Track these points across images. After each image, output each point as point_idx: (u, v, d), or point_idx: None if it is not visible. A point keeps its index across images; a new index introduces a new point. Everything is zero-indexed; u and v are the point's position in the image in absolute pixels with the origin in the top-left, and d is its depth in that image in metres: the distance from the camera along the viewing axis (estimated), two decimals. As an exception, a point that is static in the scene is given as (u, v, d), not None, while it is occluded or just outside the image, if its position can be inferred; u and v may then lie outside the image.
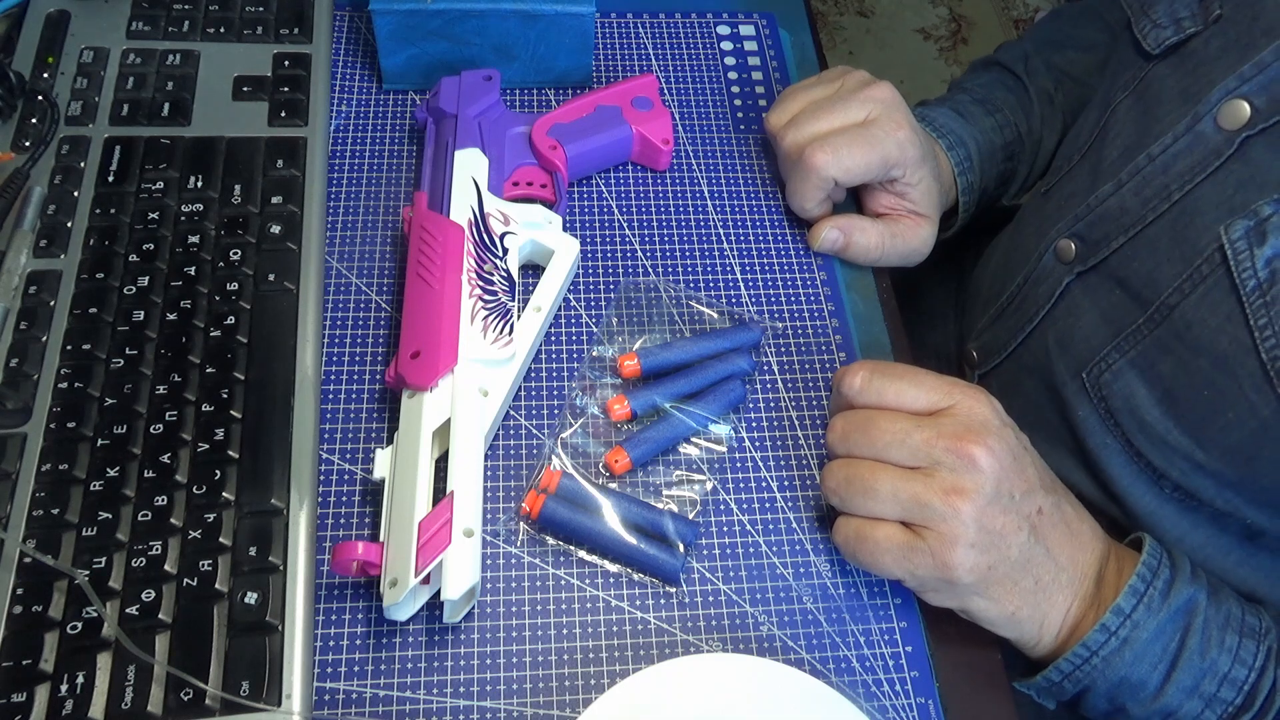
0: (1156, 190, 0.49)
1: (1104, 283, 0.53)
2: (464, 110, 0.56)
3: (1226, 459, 0.47)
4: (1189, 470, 0.49)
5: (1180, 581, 0.45)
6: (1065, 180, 0.58)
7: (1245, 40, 0.46)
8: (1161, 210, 0.49)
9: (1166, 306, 0.48)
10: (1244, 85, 0.45)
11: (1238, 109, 0.45)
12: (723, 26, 0.68)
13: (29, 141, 0.53)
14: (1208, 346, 0.46)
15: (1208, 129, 0.47)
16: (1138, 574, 0.44)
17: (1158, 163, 0.49)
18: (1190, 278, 0.47)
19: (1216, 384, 0.46)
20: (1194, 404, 0.47)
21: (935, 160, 0.57)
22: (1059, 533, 0.44)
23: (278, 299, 0.49)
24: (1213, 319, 0.45)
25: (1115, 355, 0.51)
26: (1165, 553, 0.46)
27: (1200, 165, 0.47)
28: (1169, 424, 0.49)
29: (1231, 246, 0.44)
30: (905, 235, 0.57)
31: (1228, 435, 0.46)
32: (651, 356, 0.51)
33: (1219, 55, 0.47)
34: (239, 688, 0.39)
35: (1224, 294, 0.45)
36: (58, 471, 0.43)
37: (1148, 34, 0.52)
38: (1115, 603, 0.43)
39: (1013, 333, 0.60)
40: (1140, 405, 0.50)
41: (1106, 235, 0.52)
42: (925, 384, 0.44)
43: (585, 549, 0.46)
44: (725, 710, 0.41)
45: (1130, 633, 0.43)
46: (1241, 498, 0.49)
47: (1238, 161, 0.45)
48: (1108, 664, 0.44)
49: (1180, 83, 0.50)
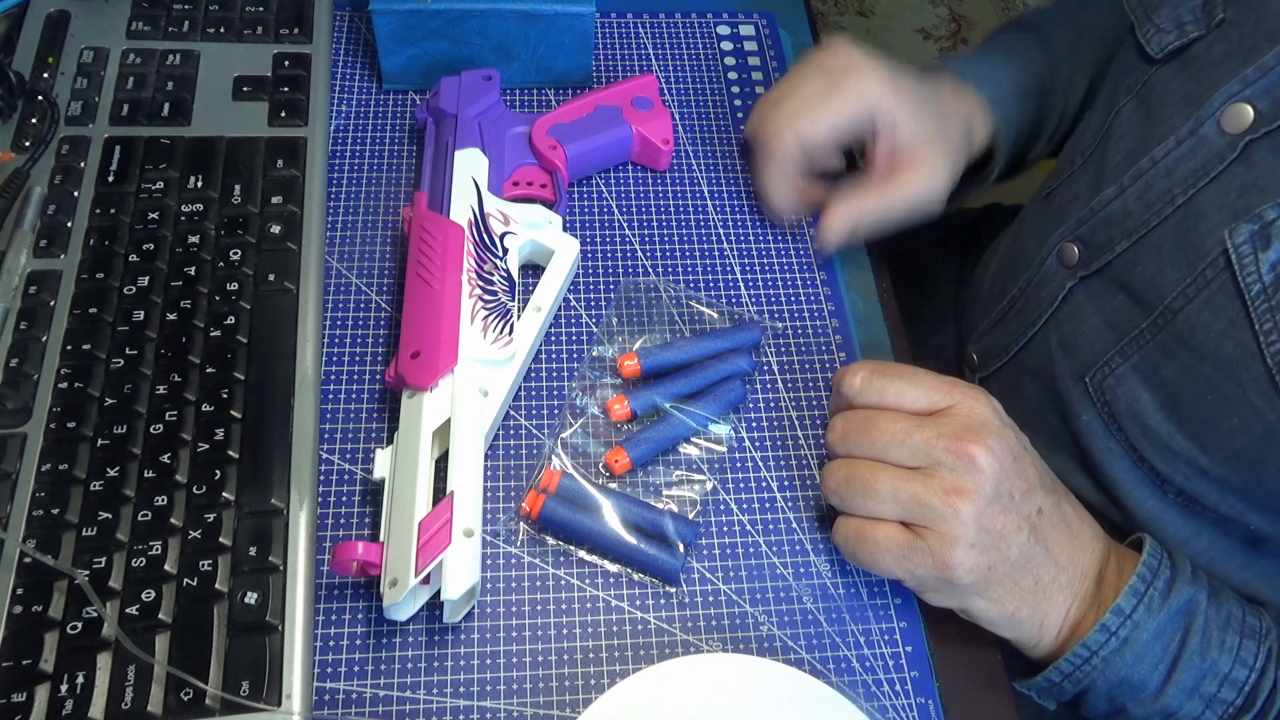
0: (1159, 194, 0.49)
1: (1107, 287, 0.52)
2: (464, 110, 0.56)
3: (1230, 464, 0.47)
4: (1192, 475, 0.49)
5: (1180, 582, 0.45)
6: (1068, 183, 0.58)
7: (1248, 44, 0.46)
8: (1165, 214, 0.49)
9: (1170, 311, 0.48)
10: (1247, 89, 0.45)
11: (1241, 113, 0.45)
12: (723, 26, 0.68)
13: (29, 141, 0.53)
14: (1212, 351, 0.46)
15: (1211, 133, 0.47)
16: (1138, 574, 0.44)
17: (1160, 166, 0.49)
18: (1194, 282, 0.46)
19: (1220, 389, 0.46)
20: (1197, 409, 0.47)
21: (930, 98, 0.55)
22: (1059, 533, 0.44)
23: (278, 299, 0.49)
24: (1217, 323, 0.45)
25: (1119, 360, 0.51)
26: (1165, 553, 0.46)
27: (1203, 169, 0.47)
28: (1172, 429, 0.49)
29: (1236, 251, 0.44)
30: (903, 185, 0.54)
31: (1231, 441, 0.46)
32: (651, 356, 0.51)
33: (1222, 59, 0.47)
34: (239, 688, 0.39)
35: (1228, 298, 0.45)
36: (58, 471, 0.43)
37: (1151, 38, 0.52)
38: (1115, 603, 0.43)
39: (1014, 336, 0.60)
40: (1144, 410, 0.50)
41: (1110, 239, 0.52)
42: (925, 384, 0.43)
43: (585, 549, 0.46)
44: (725, 710, 0.41)
45: (1130, 633, 0.43)
46: (1245, 503, 0.49)
47: (1241, 165, 0.45)
48: (1108, 664, 0.44)
49: (1183, 87, 0.49)
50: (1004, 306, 0.61)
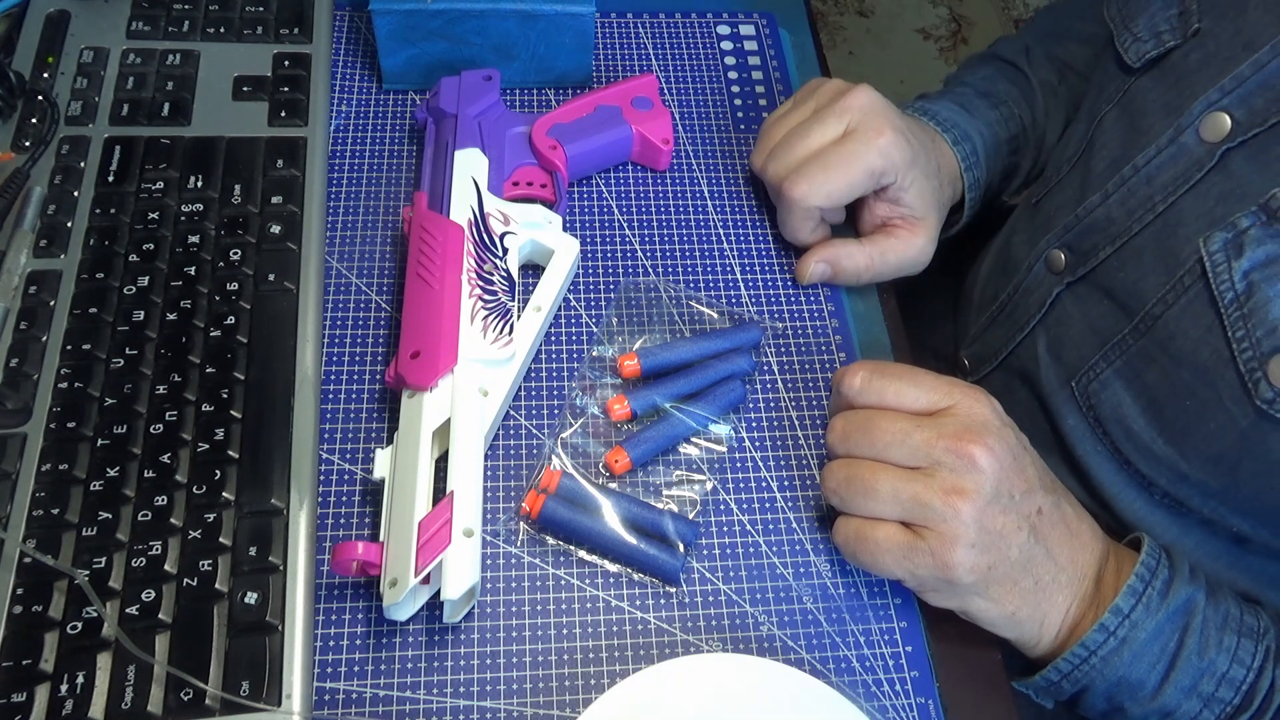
0: (1141, 201, 0.50)
1: (1092, 293, 0.53)
2: (464, 110, 0.56)
3: (1209, 469, 0.47)
4: (1175, 480, 0.49)
5: (1179, 582, 0.45)
6: (1055, 191, 0.58)
7: (1225, 53, 0.47)
8: (1146, 221, 0.49)
9: (1151, 317, 0.48)
10: (1224, 98, 0.46)
11: (1218, 121, 0.46)
12: (723, 26, 0.68)
13: (29, 141, 0.53)
14: (1189, 357, 0.46)
15: (1190, 141, 0.47)
16: (1136, 574, 0.44)
17: (1142, 174, 0.50)
18: (1173, 288, 0.47)
19: (1198, 394, 0.46)
20: (1177, 414, 0.48)
21: (931, 156, 0.56)
22: (1059, 533, 0.44)
23: (278, 299, 0.49)
24: (1194, 330, 0.46)
25: (1103, 365, 0.51)
26: (1164, 553, 0.46)
27: (1183, 177, 0.47)
28: (1154, 434, 0.49)
29: (1210, 259, 0.44)
30: (898, 248, 0.55)
31: (1210, 445, 0.46)
32: (651, 356, 0.51)
33: (1199, 68, 0.48)
34: (239, 688, 0.39)
35: (1204, 305, 0.45)
36: (58, 471, 0.43)
37: (1129, 48, 0.52)
38: (1114, 602, 0.43)
39: (1004, 341, 0.60)
40: (1127, 415, 0.50)
41: (1095, 246, 0.52)
42: (925, 384, 0.44)
43: (585, 549, 0.46)
44: (725, 710, 0.41)
45: (1129, 632, 0.43)
46: (1226, 506, 0.49)
47: (1218, 173, 0.46)
48: (1106, 664, 0.44)
49: (1164, 95, 0.50)
50: (994, 311, 0.61)
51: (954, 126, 0.60)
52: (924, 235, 0.55)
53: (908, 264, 0.55)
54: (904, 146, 0.52)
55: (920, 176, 0.54)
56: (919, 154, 0.54)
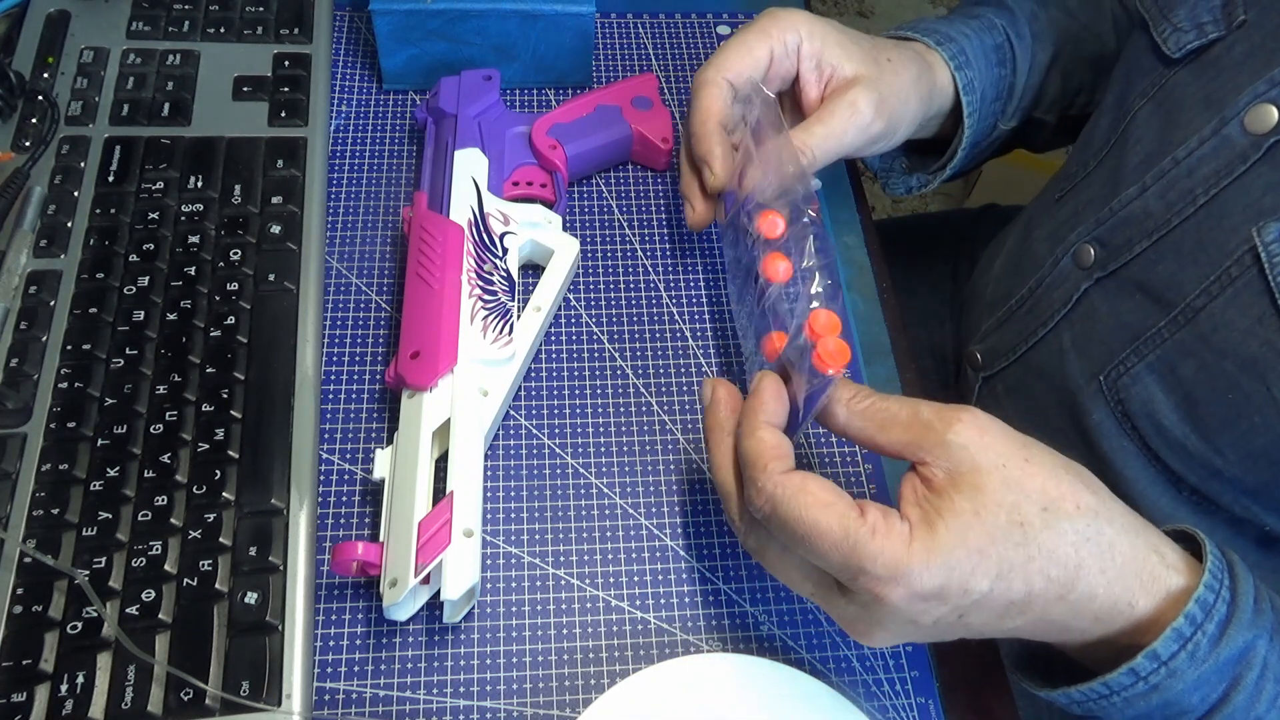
0: (1181, 194, 0.49)
1: (1124, 287, 0.52)
2: (464, 110, 0.56)
3: (1246, 465, 0.46)
4: (1206, 476, 0.49)
5: (1236, 625, 0.36)
6: (1081, 186, 0.57)
7: (1272, 45, 0.46)
8: (1186, 214, 0.48)
9: (1191, 309, 0.47)
10: (1272, 89, 0.45)
11: (1265, 113, 0.45)
12: (723, 26, 0.68)
13: (29, 141, 0.53)
14: (1235, 349, 0.45)
15: (1234, 133, 0.46)
16: (1186, 615, 0.36)
17: (1183, 166, 0.49)
18: (1218, 280, 0.46)
19: (1242, 387, 0.45)
20: (1215, 409, 0.47)
21: (867, 44, 0.52)
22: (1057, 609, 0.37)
23: (278, 299, 0.49)
24: (1242, 321, 0.45)
25: (1134, 359, 0.50)
26: (1227, 574, 0.37)
27: (1226, 169, 0.47)
28: (1187, 429, 0.48)
29: (1266, 249, 0.44)
30: (841, 112, 0.49)
31: (1250, 441, 0.46)
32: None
33: (1244, 60, 0.47)
34: (239, 688, 0.39)
35: (1254, 296, 0.44)
36: (58, 471, 0.43)
37: (1168, 38, 0.51)
38: (1152, 647, 0.36)
39: (1023, 336, 0.59)
40: (1158, 409, 0.49)
41: (1129, 239, 0.52)
42: (825, 554, 0.35)
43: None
44: (725, 710, 0.41)
45: (1163, 680, 0.36)
46: (1259, 504, 0.48)
47: (1266, 165, 0.45)
48: (1129, 704, 0.37)
49: (1204, 89, 0.49)
50: (1010, 308, 0.61)
51: (933, 32, 0.57)
52: (862, 97, 0.50)
53: (852, 131, 0.50)
54: (816, 19, 0.51)
55: (843, 39, 0.51)
56: (838, 30, 0.51)
